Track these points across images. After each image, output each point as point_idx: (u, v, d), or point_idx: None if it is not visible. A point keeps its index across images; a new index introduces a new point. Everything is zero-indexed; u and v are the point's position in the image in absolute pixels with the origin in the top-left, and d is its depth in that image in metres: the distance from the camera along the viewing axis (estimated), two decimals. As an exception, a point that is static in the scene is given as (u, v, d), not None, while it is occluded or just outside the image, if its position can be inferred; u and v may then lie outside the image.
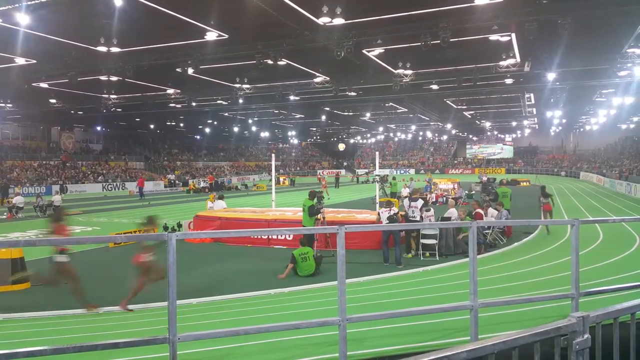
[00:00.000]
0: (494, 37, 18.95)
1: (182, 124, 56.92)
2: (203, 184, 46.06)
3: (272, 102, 34.97)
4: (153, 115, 44.29)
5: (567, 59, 22.12)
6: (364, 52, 21.34)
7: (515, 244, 13.07)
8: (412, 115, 50.95)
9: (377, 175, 17.58)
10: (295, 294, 8.44)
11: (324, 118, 52.46)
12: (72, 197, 36.20)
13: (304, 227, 11.78)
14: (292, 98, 31.85)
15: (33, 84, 26.80)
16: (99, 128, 56.46)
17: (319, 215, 12.05)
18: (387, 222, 11.06)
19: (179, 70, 22.60)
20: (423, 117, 52.27)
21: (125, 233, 15.12)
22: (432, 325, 5.67)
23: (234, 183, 48.35)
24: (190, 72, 22.22)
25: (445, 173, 66.97)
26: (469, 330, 4.48)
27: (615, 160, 50.24)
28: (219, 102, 35.61)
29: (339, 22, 15.97)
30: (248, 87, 30.03)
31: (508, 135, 77.51)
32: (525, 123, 62.96)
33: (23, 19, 15.22)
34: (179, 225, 15.92)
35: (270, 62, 19.82)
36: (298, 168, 77.09)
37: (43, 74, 24.21)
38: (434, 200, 23.91)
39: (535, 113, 50.98)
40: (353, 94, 32.39)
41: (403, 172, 69.55)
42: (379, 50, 21.45)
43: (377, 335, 5.30)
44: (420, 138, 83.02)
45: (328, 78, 28.05)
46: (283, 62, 21.12)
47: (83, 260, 11.07)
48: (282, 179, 51.08)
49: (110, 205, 28.58)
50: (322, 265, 10.35)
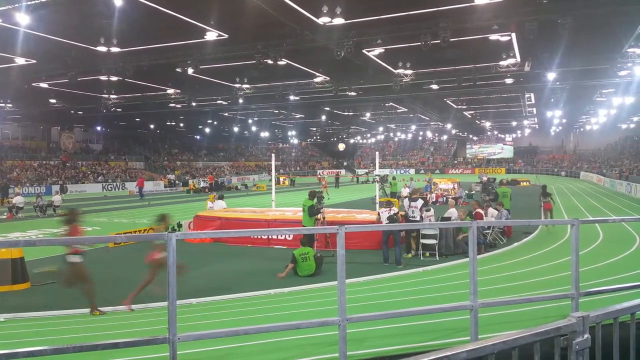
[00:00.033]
0: (494, 37, 18.95)
1: (182, 124, 56.92)
2: (203, 184, 46.07)
3: (272, 102, 34.97)
4: (153, 115, 44.29)
5: (567, 59, 22.12)
6: (364, 52, 21.34)
7: (515, 244, 13.07)
8: (412, 115, 50.95)
9: (377, 175, 17.57)
10: (295, 294, 8.44)
11: (324, 118, 52.45)
12: (72, 197, 36.20)
13: (304, 227, 11.78)
14: (292, 98, 31.84)
15: (33, 84, 26.80)
16: (99, 128, 56.47)
17: (319, 215, 12.06)
18: (387, 222, 11.05)
19: (179, 70, 22.61)
20: (423, 117, 52.26)
21: (125, 233, 15.13)
22: (432, 325, 5.68)
23: (234, 183, 48.33)
24: (190, 72, 22.22)
25: (445, 173, 66.96)
26: (469, 330, 4.48)
27: (616, 160, 50.24)
28: (219, 102, 35.61)
29: (339, 22, 15.97)
30: (248, 87, 30.02)
31: (508, 135, 77.50)
32: (525, 123, 62.96)
33: (23, 19, 15.21)
34: (179, 225, 15.89)
35: (270, 62, 19.82)
36: (298, 168, 77.08)
37: (43, 74, 24.21)
38: (434, 200, 23.90)
39: (535, 113, 50.98)
40: (353, 94, 32.37)
41: (403, 172, 69.53)
42: (379, 50, 21.45)
43: (377, 335, 5.30)
44: (420, 138, 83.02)
45: (328, 78, 28.05)
46: (283, 62, 21.12)
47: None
48: (282, 179, 51.05)
49: (110, 205, 28.57)
50: (322, 266, 10.35)
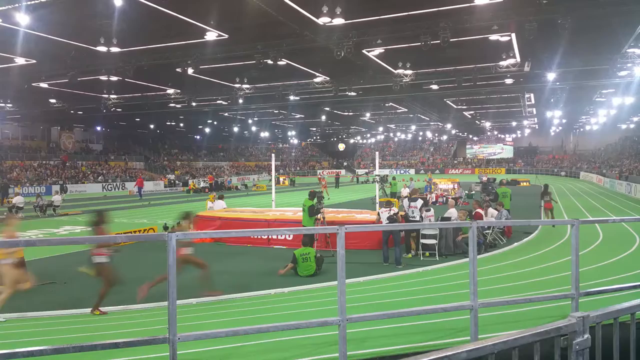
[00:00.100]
0: (494, 37, 18.95)
1: (182, 124, 56.91)
2: (203, 184, 46.07)
3: (272, 102, 34.94)
4: (153, 115, 44.29)
5: (567, 59, 22.12)
6: (364, 52, 21.34)
7: (515, 244, 13.07)
8: (412, 115, 50.93)
9: (377, 175, 17.57)
10: (295, 294, 8.44)
11: (324, 118, 52.42)
12: (72, 197, 36.20)
13: (304, 227, 11.77)
14: (292, 98, 31.82)
15: (33, 84, 26.77)
16: (99, 128, 56.48)
17: (319, 215, 12.06)
18: (387, 222, 11.05)
19: (179, 70, 22.58)
20: (423, 117, 52.24)
21: (125, 233, 15.12)
22: (432, 325, 5.68)
23: (234, 183, 48.33)
24: (190, 72, 22.21)
25: (445, 173, 67.00)
26: (469, 330, 4.49)
27: (615, 160, 50.25)
28: (219, 102, 35.60)
29: (339, 22, 15.96)
30: (248, 87, 30.01)
31: (508, 135, 77.48)
32: (525, 123, 62.95)
33: (23, 19, 15.19)
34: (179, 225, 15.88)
35: (270, 62, 19.81)
36: (298, 168, 77.11)
37: (43, 74, 24.21)
38: (434, 200, 23.90)
39: (535, 113, 50.96)
40: (353, 94, 32.36)
41: (403, 172, 69.56)
42: (379, 50, 21.44)
43: (377, 335, 5.30)
44: (420, 138, 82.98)
45: (328, 78, 28.05)
46: (283, 62, 21.11)
47: (83, 261, 11.04)
48: (282, 179, 51.07)
49: (110, 205, 28.54)
50: (322, 266, 10.35)
